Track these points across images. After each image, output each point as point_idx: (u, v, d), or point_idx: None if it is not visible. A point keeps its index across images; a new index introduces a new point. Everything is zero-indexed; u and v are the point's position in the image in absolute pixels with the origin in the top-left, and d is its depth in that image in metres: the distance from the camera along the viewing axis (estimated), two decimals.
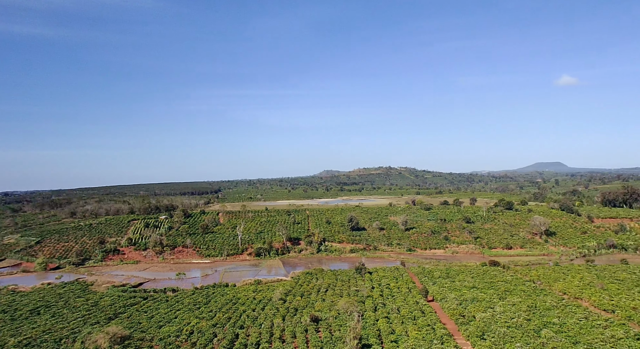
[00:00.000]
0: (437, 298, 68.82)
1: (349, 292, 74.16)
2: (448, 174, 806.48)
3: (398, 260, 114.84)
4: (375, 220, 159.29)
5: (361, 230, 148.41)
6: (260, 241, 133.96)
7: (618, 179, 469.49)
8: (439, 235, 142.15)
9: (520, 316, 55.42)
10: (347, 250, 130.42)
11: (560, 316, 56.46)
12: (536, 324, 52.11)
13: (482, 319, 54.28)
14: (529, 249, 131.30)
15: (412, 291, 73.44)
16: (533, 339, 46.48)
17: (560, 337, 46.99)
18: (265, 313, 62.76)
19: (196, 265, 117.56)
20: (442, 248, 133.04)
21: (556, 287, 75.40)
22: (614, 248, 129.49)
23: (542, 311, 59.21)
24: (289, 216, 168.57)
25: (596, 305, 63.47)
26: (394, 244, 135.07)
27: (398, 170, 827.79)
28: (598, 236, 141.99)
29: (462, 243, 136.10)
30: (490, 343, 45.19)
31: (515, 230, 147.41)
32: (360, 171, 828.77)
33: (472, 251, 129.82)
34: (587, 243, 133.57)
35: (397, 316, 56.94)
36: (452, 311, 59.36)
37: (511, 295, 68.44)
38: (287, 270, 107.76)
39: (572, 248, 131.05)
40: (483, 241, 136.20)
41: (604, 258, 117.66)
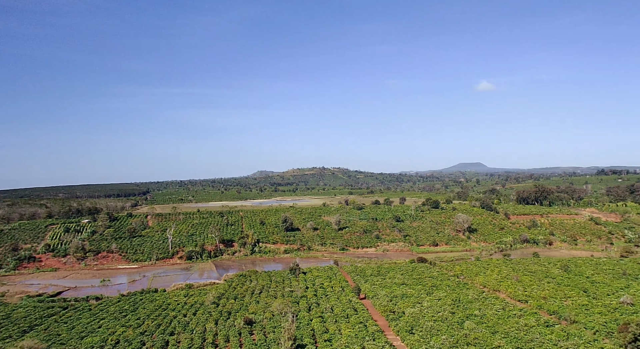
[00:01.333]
0: (369, 296, 70.88)
1: (283, 293, 74.28)
2: (379, 174, 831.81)
3: (332, 260, 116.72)
4: (309, 220, 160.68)
5: (295, 231, 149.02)
6: (192, 244, 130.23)
7: (531, 178, 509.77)
8: (371, 234, 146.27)
9: (446, 309, 58.62)
10: (282, 251, 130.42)
11: (481, 308, 60.44)
12: (460, 317, 55.38)
13: (411, 314, 56.74)
14: (454, 245, 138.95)
15: (345, 289, 75.05)
16: (457, 330, 49.37)
17: (481, 328, 50.32)
18: (198, 318, 61.22)
19: (123, 271, 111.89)
20: (374, 246, 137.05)
21: (477, 281, 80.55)
22: (527, 243, 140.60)
23: (465, 304, 63.05)
24: (222, 218, 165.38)
25: (512, 296, 68.67)
26: (327, 244, 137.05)
27: (331, 171, 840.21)
28: (513, 231, 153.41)
29: (393, 241, 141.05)
30: (418, 337, 47.40)
31: (441, 228, 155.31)
32: (294, 171, 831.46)
33: (402, 249, 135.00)
34: (504, 238, 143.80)
35: (331, 315, 57.97)
36: (383, 307, 61.48)
37: (437, 290, 72.12)
38: (220, 272, 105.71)
39: (491, 244, 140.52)
40: (412, 239, 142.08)
41: (519, 252, 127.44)
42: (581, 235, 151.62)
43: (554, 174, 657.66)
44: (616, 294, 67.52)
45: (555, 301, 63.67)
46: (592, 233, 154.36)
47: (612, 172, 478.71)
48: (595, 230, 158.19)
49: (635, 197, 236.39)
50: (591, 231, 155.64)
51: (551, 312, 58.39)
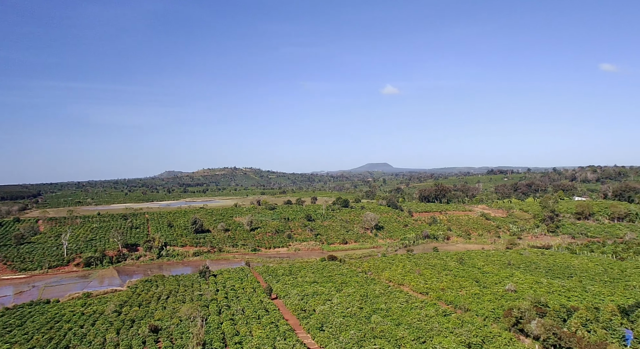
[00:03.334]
0: (280, 295, 71.23)
1: (192, 297, 71.93)
2: (291, 174, 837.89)
3: (243, 261, 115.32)
4: (221, 221, 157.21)
5: (206, 232, 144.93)
6: (91, 250, 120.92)
7: (431, 178, 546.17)
8: (283, 234, 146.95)
9: (355, 305, 60.87)
10: (191, 254, 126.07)
11: (387, 301, 63.65)
12: (367, 311, 57.84)
13: (321, 311, 58.08)
14: (362, 243, 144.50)
15: (257, 290, 74.68)
16: (365, 325, 51.54)
17: (386, 320, 53.03)
18: (97, 329, 57.06)
19: (8, 282, 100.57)
20: (286, 246, 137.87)
21: (384, 276, 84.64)
22: (428, 238, 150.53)
23: (373, 298, 65.99)
24: (125, 221, 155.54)
25: (415, 289, 73.20)
26: (239, 245, 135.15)
27: (243, 171, 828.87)
28: (416, 228, 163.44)
29: (304, 240, 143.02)
30: (328, 333, 48.70)
31: (351, 226, 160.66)
32: (205, 172, 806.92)
33: (313, 248, 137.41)
34: (408, 235, 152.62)
35: (242, 317, 57.37)
36: (295, 306, 62.21)
37: (347, 287, 74.59)
38: (122, 279, 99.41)
39: (396, 240, 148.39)
40: (323, 238, 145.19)
41: (421, 247, 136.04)
42: (474, 230, 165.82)
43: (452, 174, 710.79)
44: (502, 283, 74.92)
45: (452, 292, 69.02)
46: (483, 227, 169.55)
47: (500, 171, 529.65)
48: (486, 224, 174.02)
49: (518, 194, 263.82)
50: (482, 226, 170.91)
51: (448, 302, 63.26)
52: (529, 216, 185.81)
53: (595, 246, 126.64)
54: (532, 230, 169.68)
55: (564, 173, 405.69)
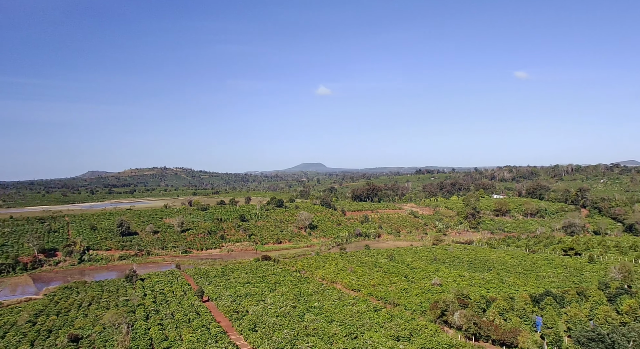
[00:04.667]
0: (212, 298, 69.75)
1: (117, 303, 68.39)
2: (225, 174, 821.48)
3: (173, 263, 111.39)
4: (149, 222, 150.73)
5: (133, 235, 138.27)
6: (2, 257, 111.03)
7: (364, 178, 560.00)
8: (216, 235, 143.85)
9: (288, 304, 61.04)
10: (116, 258, 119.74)
11: (320, 299, 64.48)
12: (301, 310, 58.25)
13: (254, 312, 57.63)
14: (296, 242, 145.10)
15: (188, 293, 72.55)
16: (298, 323, 51.87)
17: (319, 318, 53.73)
18: (7, 341, 52.51)
19: None
20: (219, 247, 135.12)
21: (317, 274, 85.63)
22: (360, 236, 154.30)
23: (306, 297, 66.55)
24: (42, 225, 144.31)
25: (347, 286, 74.78)
26: (169, 247, 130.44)
27: (174, 171, 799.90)
28: (349, 226, 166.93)
29: (238, 241, 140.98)
30: (261, 334, 48.45)
31: (285, 226, 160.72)
32: (133, 172, 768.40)
33: (247, 248, 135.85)
34: (341, 233, 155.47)
35: (172, 321, 55.49)
36: (227, 308, 61.21)
37: (281, 286, 74.59)
38: (38, 286, 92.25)
39: (330, 239, 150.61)
40: (257, 238, 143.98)
41: (353, 245, 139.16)
42: (403, 227, 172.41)
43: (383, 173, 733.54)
44: (429, 277, 78.62)
45: (383, 288, 71.36)
46: (412, 225, 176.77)
47: (428, 171, 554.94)
48: (414, 222, 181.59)
49: (444, 193, 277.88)
50: (411, 224, 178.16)
51: (379, 298, 65.32)
52: (453, 214, 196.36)
53: (511, 240, 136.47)
54: (456, 226, 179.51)
55: (484, 173, 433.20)
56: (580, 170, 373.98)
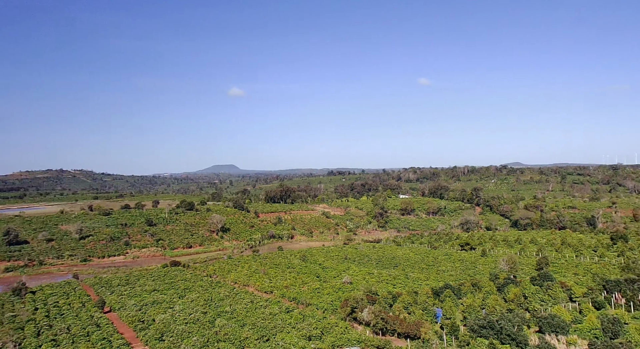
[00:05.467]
0: (115, 308, 65.49)
1: (2, 320, 61.44)
2: (130, 177, 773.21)
3: (70, 273, 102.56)
4: (42, 230, 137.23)
5: (22, 244, 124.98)
6: None
7: (277, 179, 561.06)
8: (120, 241, 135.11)
9: (198, 310, 59.26)
10: (2, 270, 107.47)
11: (231, 304, 63.44)
12: (212, 315, 56.86)
13: (161, 320, 55.13)
14: (208, 246, 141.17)
15: (87, 305, 67.33)
16: (208, 329, 50.57)
17: (231, 323, 52.87)
18: None
19: None
20: (123, 254, 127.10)
21: (229, 278, 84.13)
22: (273, 238, 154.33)
23: (217, 302, 65.09)
24: None
25: (260, 289, 74.42)
26: (65, 256, 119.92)
27: (72, 173, 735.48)
28: (262, 228, 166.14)
29: (145, 246, 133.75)
30: (168, 343, 46.50)
31: (196, 229, 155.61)
32: (22, 174, 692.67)
33: (154, 254, 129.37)
34: (254, 235, 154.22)
35: (67, 336, 51.14)
36: (132, 318, 57.84)
37: (190, 292, 72.15)
38: None
39: (243, 241, 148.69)
40: (165, 243, 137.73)
41: (267, 247, 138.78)
42: (316, 228, 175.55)
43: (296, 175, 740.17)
44: (340, 276, 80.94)
45: (295, 288, 72.09)
46: (324, 225, 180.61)
47: (339, 172, 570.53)
48: (326, 222, 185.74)
49: (354, 193, 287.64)
50: (323, 224, 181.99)
51: (292, 298, 65.88)
52: (363, 214, 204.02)
53: (415, 238, 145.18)
54: (365, 225, 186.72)
55: (391, 174, 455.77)
56: (474, 172, 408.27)
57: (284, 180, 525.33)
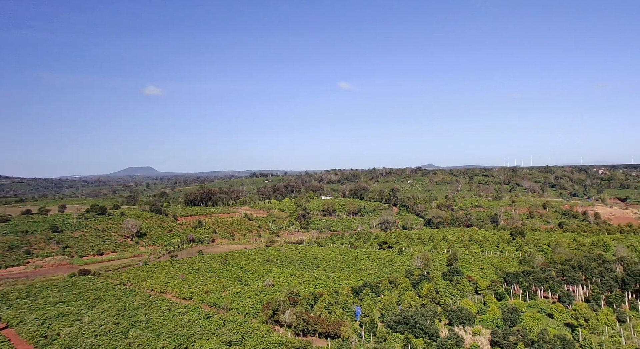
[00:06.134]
0: (13, 324, 59.62)
1: None
2: (32, 180, 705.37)
3: None
4: None
5: None
6: None
7: (198, 181, 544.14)
8: (19, 250, 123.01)
9: (110, 321, 55.82)
10: None
11: (147, 312, 60.53)
12: (125, 326, 53.84)
13: (67, 334, 51.21)
14: (121, 252, 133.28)
15: None
16: (121, 341, 47.86)
17: (146, 332, 50.45)
18: None
19: None
20: (23, 264, 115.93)
21: (145, 285, 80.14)
22: (193, 242, 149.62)
23: (131, 311, 61.74)
24: None
25: (178, 295, 71.75)
26: None
27: None
28: (181, 232, 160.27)
29: (49, 255, 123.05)
30: None
31: (108, 235, 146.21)
32: None
33: (61, 263, 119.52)
34: (172, 240, 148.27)
35: None
36: (32, 334, 53.03)
37: (101, 302, 67.75)
38: None
39: (160, 247, 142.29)
40: (73, 251, 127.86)
41: (186, 252, 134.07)
42: (238, 231, 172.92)
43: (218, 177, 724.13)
44: (262, 279, 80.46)
45: (216, 293, 70.48)
46: (246, 228, 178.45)
47: (262, 174, 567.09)
48: (249, 225, 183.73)
49: (277, 195, 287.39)
50: (245, 227, 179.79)
51: (212, 304, 64.33)
52: (285, 215, 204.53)
53: (336, 238, 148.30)
54: (288, 227, 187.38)
55: (314, 176, 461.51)
56: (392, 173, 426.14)
57: (205, 182, 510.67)
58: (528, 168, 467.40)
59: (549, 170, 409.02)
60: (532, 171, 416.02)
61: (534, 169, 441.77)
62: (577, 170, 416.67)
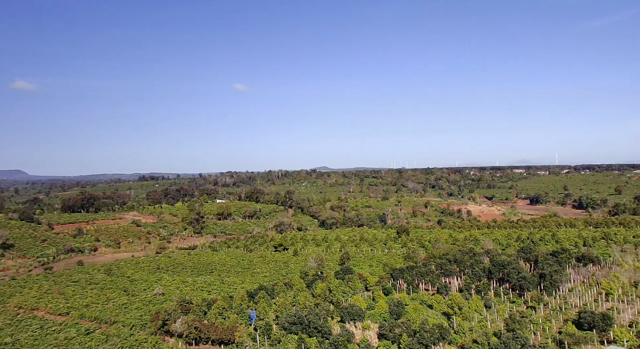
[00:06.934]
0: None
1: None
2: None
3: None
4: None
5: None
6: None
7: (78, 186, 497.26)
8: None
9: None
10: None
11: (14, 333, 53.91)
12: None
13: None
14: None
15: None
16: None
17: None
18: None
19: None
20: None
21: (12, 303, 71.15)
22: (72, 252, 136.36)
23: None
24: None
25: (53, 312, 64.87)
26: None
27: None
28: (58, 242, 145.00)
29: None
30: None
31: None
32: None
33: None
34: (47, 251, 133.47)
35: None
36: None
37: None
38: None
39: (31, 259, 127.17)
40: None
41: (63, 263, 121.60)
42: (124, 238, 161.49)
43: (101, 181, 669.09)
44: (152, 288, 76.22)
45: (98, 306, 65.13)
46: (134, 235, 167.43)
47: (152, 178, 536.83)
48: (137, 231, 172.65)
49: (169, 199, 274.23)
50: (133, 233, 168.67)
51: (93, 318, 59.26)
52: (178, 220, 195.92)
53: (231, 242, 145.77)
54: (180, 232, 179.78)
55: (208, 179, 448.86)
56: (288, 175, 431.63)
57: (87, 186, 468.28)
58: (412, 170, 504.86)
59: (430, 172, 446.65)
60: (416, 173, 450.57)
61: (417, 171, 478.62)
62: (453, 172, 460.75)
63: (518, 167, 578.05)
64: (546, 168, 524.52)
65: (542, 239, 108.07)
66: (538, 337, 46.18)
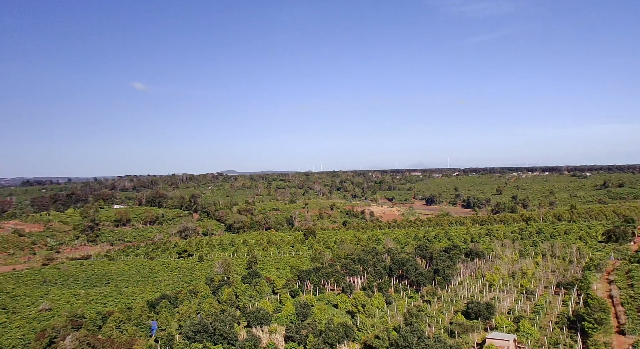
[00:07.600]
0: None
1: None
2: None
3: None
4: None
5: None
6: None
7: None
8: None
9: None
10: None
11: None
12: None
13: None
14: None
15: None
16: None
17: None
18: None
19: None
20: None
21: None
22: None
23: None
24: None
25: None
26: None
27: None
28: None
29: None
30: None
31: None
32: None
33: None
34: None
35: None
36: None
37: None
38: None
39: None
40: None
41: None
42: (4, 250, 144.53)
43: None
44: (36, 303, 69.11)
45: None
46: (15, 245, 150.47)
47: (38, 183, 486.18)
48: (19, 242, 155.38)
49: (58, 206, 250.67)
50: (14, 244, 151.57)
51: None
52: (69, 228, 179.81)
53: (130, 250, 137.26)
54: (72, 241, 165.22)
55: (105, 183, 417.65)
56: (193, 179, 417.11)
57: None
58: (319, 173, 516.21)
59: (335, 175, 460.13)
60: (322, 176, 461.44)
61: (324, 174, 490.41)
62: (357, 175, 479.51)
63: (415, 169, 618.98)
64: (440, 171, 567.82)
65: (437, 237, 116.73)
66: (432, 329, 49.80)
